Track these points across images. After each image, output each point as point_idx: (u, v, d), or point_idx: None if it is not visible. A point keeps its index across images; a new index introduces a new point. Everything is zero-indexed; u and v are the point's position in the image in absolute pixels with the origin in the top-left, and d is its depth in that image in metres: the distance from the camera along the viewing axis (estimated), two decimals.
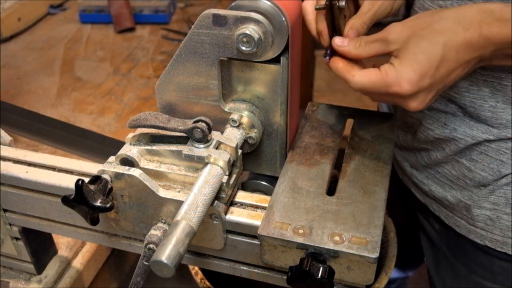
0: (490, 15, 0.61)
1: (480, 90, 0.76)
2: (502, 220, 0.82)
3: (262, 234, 0.62)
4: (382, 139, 0.77)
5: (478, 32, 0.61)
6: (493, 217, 0.82)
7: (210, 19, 0.64)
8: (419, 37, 0.62)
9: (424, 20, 0.64)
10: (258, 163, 0.76)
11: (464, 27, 0.62)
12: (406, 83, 0.62)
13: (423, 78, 0.62)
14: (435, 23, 0.62)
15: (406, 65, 0.62)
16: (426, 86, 0.63)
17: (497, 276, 0.88)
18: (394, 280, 1.46)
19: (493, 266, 0.87)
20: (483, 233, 0.84)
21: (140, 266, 0.64)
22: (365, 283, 0.63)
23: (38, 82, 1.64)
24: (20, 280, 0.91)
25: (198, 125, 0.63)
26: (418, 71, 0.62)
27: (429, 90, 0.64)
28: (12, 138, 0.84)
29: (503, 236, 0.82)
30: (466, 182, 0.84)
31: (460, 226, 0.88)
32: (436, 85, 0.64)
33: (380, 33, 0.66)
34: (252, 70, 0.69)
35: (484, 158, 0.80)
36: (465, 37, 0.62)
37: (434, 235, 0.98)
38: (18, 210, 0.80)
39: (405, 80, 0.62)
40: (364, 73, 0.65)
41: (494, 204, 0.82)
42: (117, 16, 1.94)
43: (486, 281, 0.89)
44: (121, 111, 1.50)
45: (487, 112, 0.77)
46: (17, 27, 1.93)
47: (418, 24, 0.64)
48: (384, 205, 0.66)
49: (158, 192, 0.64)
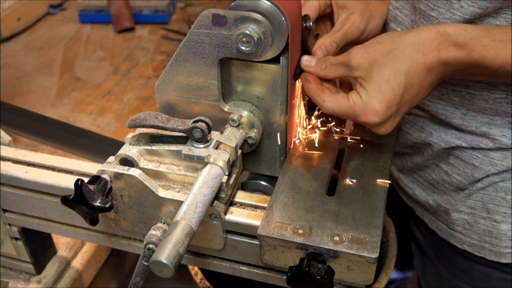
0: (447, 38, 0.63)
1: (450, 99, 0.78)
2: (479, 224, 0.82)
3: (262, 234, 0.62)
4: (382, 139, 0.77)
5: (437, 57, 0.63)
6: (471, 221, 0.83)
7: (209, 19, 0.64)
8: (382, 65, 0.64)
9: (384, 46, 0.65)
10: (257, 163, 0.76)
11: (423, 53, 0.63)
12: (373, 114, 0.64)
13: (389, 108, 0.64)
14: (395, 50, 0.64)
15: (372, 96, 0.64)
16: (393, 114, 0.65)
17: (476, 280, 0.88)
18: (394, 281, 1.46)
19: (472, 270, 0.88)
20: (462, 237, 0.85)
21: (140, 266, 0.64)
22: (365, 283, 0.63)
23: (38, 82, 1.64)
24: (20, 280, 0.91)
25: (198, 125, 0.63)
26: (384, 102, 0.63)
27: (395, 116, 0.66)
28: (11, 138, 0.84)
29: (480, 240, 0.83)
30: (445, 186, 0.85)
31: (441, 230, 0.89)
32: (402, 110, 0.66)
33: (343, 55, 0.68)
34: (251, 70, 0.68)
35: (459, 163, 0.81)
36: (425, 62, 0.63)
37: (421, 239, 0.99)
38: (17, 210, 0.80)
39: (371, 112, 0.64)
40: (334, 100, 0.67)
41: (471, 208, 0.83)
42: (117, 16, 1.94)
43: (467, 284, 0.90)
44: (121, 111, 1.50)
45: (458, 120, 0.78)
46: (17, 27, 1.93)
47: (379, 50, 0.65)
48: (384, 205, 0.66)
49: (158, 192, 0.64)
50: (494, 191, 0.80)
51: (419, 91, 0.65)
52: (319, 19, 0.80)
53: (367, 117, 0.64)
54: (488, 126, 0.77)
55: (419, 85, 0.64)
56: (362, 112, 0.64)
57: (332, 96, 0.67)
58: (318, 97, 0.68)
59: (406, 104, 0.65)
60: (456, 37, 0.63)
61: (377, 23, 0.80)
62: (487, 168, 0.79)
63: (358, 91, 0.65)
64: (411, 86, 0.64)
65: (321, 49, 0.71)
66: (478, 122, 0.77)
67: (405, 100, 0.64)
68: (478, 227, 0.82)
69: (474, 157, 0.79)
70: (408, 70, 0.63)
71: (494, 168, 0.79)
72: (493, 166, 0.78)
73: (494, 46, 0.62)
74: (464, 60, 0.63)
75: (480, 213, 0.82)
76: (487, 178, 0.80)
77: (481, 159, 0.79)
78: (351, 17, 0.76)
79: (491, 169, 0.79)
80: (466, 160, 0.81)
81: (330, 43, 0.72)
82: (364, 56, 0.65)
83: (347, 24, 0.75)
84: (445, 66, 0.64)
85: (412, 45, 0.63)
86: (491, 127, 0.77)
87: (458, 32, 0.63)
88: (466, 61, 0.63)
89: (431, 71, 0.64)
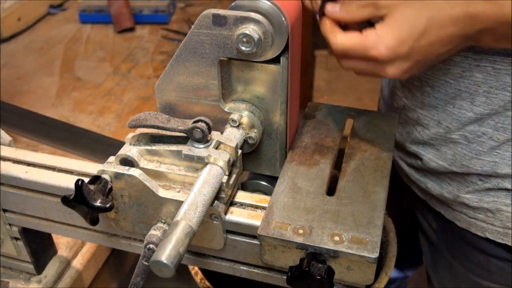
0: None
1: (472, 76, 0.77)
2: (502, 211, 0.82)
3: (262, 234, 0.62)
4: (382, 139, 0.77)
5: (465, 10, 0.62)
6: (493, 209, 0.82)
7: (210, 19, 0.64)
8: (408, 5, 0.63)
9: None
10: (258, 163, 0.76)
11: (451, 5, 0.62)
12: (384, 47, 0.63)
13: (401, 45, 0.63)
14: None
15: (387, 30, 0.63)
16: (404, 53, 0.64)
17: (493, 275, 0.88)
18: (394, 280, 1.46)
19: (490, 265, 0.87)
20: (484, 225, 0.85)
21: (140, 266, 0.64)
22: (365, 283, 0.63)
23: (38, 82, 1.64)
24: (20, 280, 0.91)
25: (198, 125, 0.63)
26: (397, 38, 0.63)
27: (407, 58, 0.65)
28: (12, 138, 0.84)
29: (504, 227, 0.82)
30: (464, 178, 0.84)
31: (460, 220, 0.88)
32: (414, 55, 0.65)
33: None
34: (252, 70, 0.68)
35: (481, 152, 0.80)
36: (450, 13, 0.62)
37: (432, 234, 0.99)
38: (17, 210, 0.80)
39: (383, 45, 0.63)
40: (346, 35, 0.66)
41: (493, 197, 0.82)
42: (117, 16, 1.94)
43: (483, 280, 0.90)
44: (121, 111, 1.50)
45: (481, 97, 0.77)
46: (17, 27, 1.93)
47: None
48: (384, 205, 0.66)
49: (158, 192, 0.64)
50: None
51: (437, 41, 0.64)
52: None
53: (378, 50, 0.63)
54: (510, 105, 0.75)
55: (437, 35, 0.63)
56: (373, 44, 0.63)
57: (345, 32, 0.67)
58: (331, 33, 0.67)
59: (421, 50, 0.64)
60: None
61: None
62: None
63: (376, 26, 0.65)
64: (429, 34, 0.63)
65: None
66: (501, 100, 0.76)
67: (420, 45, 0.64)
68: (502, 214, 0.82)
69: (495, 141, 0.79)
70: (431, 18, 0.63)
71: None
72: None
73: None
74: (494, 15, 0.62)
75: (503, 200, 0.81)
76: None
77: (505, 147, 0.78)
78: None
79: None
80: (486, 151, 0.80)
81: None
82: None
83: None
84: (471, 20, 0.63)
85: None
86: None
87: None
88: (496, 16, 0.62)
89: (454, 24, 0.63)
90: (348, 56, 0.67)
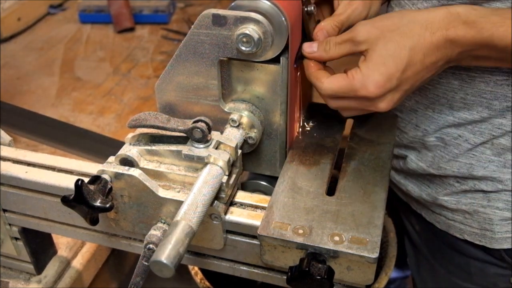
0: (456, 17, 0.63)
1: (449, 83, 0.77)
2: (479, 213, 0.82)
3: (262, 234, 0.62)
4: (382, 139, 0.77)
5: (445, 36, 0.63)
6: (470, 211, 0.83)
7: (209, 19, 0.64)
8: (388, 39, 0.63)
9: (393, 21, 0.65)
10: (258, 163, 0.76)
11: (431, 31, 0.63)
12: (373, 85, 0.63)
13: (390, 80, 0.63)
14: (403, 27, 0.64)
15: (372, 68, 0.63)
16: (393, 87, 0.64)
17: (474, 277, 0.88)
18: (394, 280, 1.46)
19: (470, 266, 0.88)
20: (462, 227, 0.85)
21: (140, 266, 0.64)
22: (365, 283, 0.63)
23: (38, 82, 1.64)
24: (20, 280, 0.91)
25: (198, 125, 0.63)
26: (385, 74, 0.63)
27: (396, 90, 0.65)
28: (12, 138, 0.84)
29: (481, 228, 0.83)
30: (441, 180, 0.84)
31: (440, 222, 0.89)
32: (403, 86, 0.65)
33: (348, 32, 0.67)
34: (252, 70, 0.68)
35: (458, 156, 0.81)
36: (431, 40, 0.63)
37: (415, 236, 0.99)
38: (17, 210, 0.80)
39: (371, 83, 0.63)
40: (332, 79, 0.66)
41: (471, 198, 0.82)
42: (117, 16, 1.94)
43: (464, 281, 0.90)
44: (121, 111, 1.50)
45: (459, 103, 0.77)
46: (17, 27, 1.93)
47: (386, 25, 0.65)
48: (384, 205, 0.66)
49: (158, 192, 0.64)
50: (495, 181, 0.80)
51: (422, 69, 0.64)
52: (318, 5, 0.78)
53: (367, 89, 0.63)
54: (487, 111, 0.76)
55: (422, 63, 0.64)
56: (361, 85, 0.64)
57: (330, 76, 0.67)
58: (316, 80, 0.68)
59: (408, 80, 0.65)
60: (466, 15, 0.62)
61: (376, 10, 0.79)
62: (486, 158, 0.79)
63: (359, 65, 0.65)
64: (414, 63, 0.63)
65: (322, 32, 0.70)
66: (479, 106, 0.76)
67: (406, 76, 0.64)
68: (479, 215, 0.82)
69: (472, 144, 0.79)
70: (413, 46, 0.63)
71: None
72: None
73: (504, 23, 0.61)
74: (474, 38, 0.63)
75: (480, 201, 0.82)
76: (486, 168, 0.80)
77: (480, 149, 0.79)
78: (353, 3, 0.74)
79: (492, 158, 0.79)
80: (463, 153, 0.80)
81: (332, 26, 0.71)
82: (371, 30, 0.64)
83: (350, 9, 0.73)
84: (452, 45, 0.63)
85: (420, 22, 0.63)
86: (490, 113, 0.76)
87: (468, 11, 0.63)
88: (476, 40, 0.63)
89: (436, 50, 0.63)
90: (337, 97, 0.68)
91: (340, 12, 0.74)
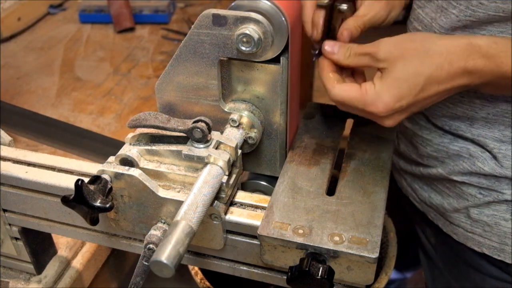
0: (477, 51, 0.63)
1: (471, 102, 0.77)
2: (500, 226, 0.81)
3: (262, 234, 0.62)
4: (382, 139, 0.77)
5: (463, 68, 0.63)
6: (491, 223, 0.82)
7: (210, 19, 0.64)
8: (407, 63, 0.63)
9: (415, 46, 0.64)
10: (258, 163, 0.76)
11: (450, 63, 0.63)
12: (383, 105, 0.64)
13: (400, 102, 0.64)
14: (424, 53, 0.64)
15: (386, 88, 0.64)
16: (402, 109, 0.65)
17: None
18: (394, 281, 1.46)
19: (485, 284, 0.87)
20: (481, 240, 0.84)
21: (140, 266, 0.64)
22: (365, 283, 0.63)
23: (38, 82, 1.64)
24: (20, 280, 0.91)
25: (198, 125, 0.63)
26: (396, 96, 0.63)
27: (404, 112, 0.66)
28: (12, 138, 0.84)
29: (501, 243, 0.82)
30: (463, 190, 0.84)
31: (457, 233, 0.87)
32: (411, 108, 0.66)
33: (370, 46, 0.67)
34: (252, 70, 0.68)
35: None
36: (449, 71, 0.63)
37: (430, 249, 0.98)
38: (17, 210, 0.80)
39: (382, 103, 0.64)
40: (345, 88, 0.66)
41: (493, 210, 0.81)
42: (117, 16, 1.94)
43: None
44: (121, 111, 1.50)
45: (480, 121, 0.77)
46: (17, 27, 1.93)
47: (408, 48, 0.64)
48: (384, 205, 0.66)
49: (158, 192, 0.64)
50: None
51: (435, 95, 0.65)
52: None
53: (376, 107, 0.64)
54: (510, 129, 0.76)
55: (436, 91, 0.64)
56: (372, 101, 0.64)
57: (343, 84, 0.67)
58: (328, 83, 0.68)
59: (418, 104, 0.65)
60: (486, 49, 0.62)
61: (397, 14, 0.79)
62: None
63: (374, 81, 0.65)
64: (427, 90, 0.64)
65: (348, 31, 0.70)
66: (502, 125, 0.76)
67: (417, 100, 0.64)
68: (499, 228, 0.81)
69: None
70: (430, 76, 0.63)
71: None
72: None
73: None
74: (492, 72, 0.63)
75: (502, 214, 0.81)
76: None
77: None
78: (376, 4, 0.74)
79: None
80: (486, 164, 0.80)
81: (355, 27, 0.71)
82: (393, 51, 0.64)
83: (373, 11, 0.74)
84: (470, 76, 0.63)
85: (441, 52, 0.63)
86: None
87: (489, 45, 0.63)
88: (494, 73, 0.63)
89: (452, 80, 0.64)
90: (344, 105, 0.68)
91: (363, 14, 0.73)
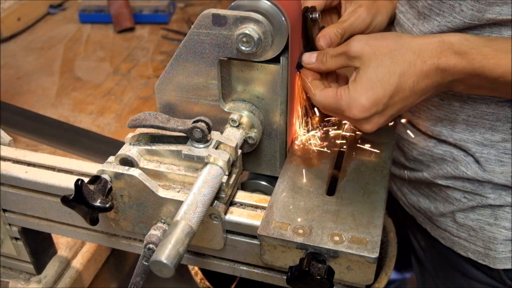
0: (449, 47, 0.63)
1: (450, 105, 0.78)
2: (485, 231, 0.81)
3: (262, 234, 0.62)
4: (382, 139, 0.77)
5: (436, 64, 0.63)
6: (476, 228, 0.82)
7: (209, 19, 0.64)
8: (379, 63, 0.64)
9: (387, 43, 0.65)
10: (258, 163, 0.76)
11: (422, 60, 0.63)
12: (358, 109, 0.64)
13: (376, 105, 0.64)
14: (396, 51, 0.64)
15: (360, 92, 0.64)
16: (379, 111, 0.65)
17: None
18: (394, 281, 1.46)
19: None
20: (466, 244, 0.84)
21: (140, 266, 0.64)
22: (365, 283, 0.63)
23: (38, 82, 1.64)
24: (20, 280, 0.91)
25: (198, 125, 0.63)
26: (371, 98, 0.64)
27: (382, 114, 0.66)
28: (12, 138, 0.84)
29: (485, 247, 0.82)
30: (449, 194, 0.84)
31: (444, 238, 0.88)
32: (389, 111, 0.66)
33: (343, 46, 0.68)
34: (251, 70, 0.68)
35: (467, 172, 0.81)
36: (422, 68, 0.63)
37: (421, 253, 0.99)
38: (17, 210, 0.80)
39: (357, 107, 0.64)
40: (323, 93, 0.68)
41: (478, 214, 0.82)
42: (117, 16, 1.94)
43: None
44: (121, 111, 1.50)
45: (461, 124, 0.78)
46: (17, 27, 1.93)
47: (380, 46, 0.65)
48: (384, 205, 0.66)
49: (158, 192, 0.64)
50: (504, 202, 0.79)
51: (410, 95, 0.65)
52: (326, 12, 0.79)
53: (351, 111, 0.65)
54: (490, 132, 0.76)
55: (411, 90, 0.65)
56: (347, 105, 0.65)
57: (323, 90, 0.68)
58: (309, 91, 0.70)
59: (395, 105, 0.66)
60: (458, 46, 0.63)
61: (383, 20, 0.79)
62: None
63: (349, 85, 0.66)
64: (402, 89, 0.64)
65: (325, 38, 0.71)
66: (482, 127, 0.77)
67: (394, 101, 0.65)
68: (484, 233, 0.81)
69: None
70: (403, 73, 0.63)
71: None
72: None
73: (495, 55, 0.62)
74: (465, 69, 0.63)
75: (487, 219, 0.81)
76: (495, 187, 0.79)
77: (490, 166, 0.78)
78: (358, 10, 0.75)
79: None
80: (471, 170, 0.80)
81: (335, 33, 0.72)
82: (365, 48, 0.65)
83: (353, 16, 0.75)
84: (443, 74, 0.64)
85: (413, 50, 0.64)
86: (493, 134, 0.76)
87: (461, 42, 0.63)
88: (466, 70, 0.63)
89: (426, 78, 0.64)
90: (327, 111, 0.70)
91: (344, 19, 0.75)
